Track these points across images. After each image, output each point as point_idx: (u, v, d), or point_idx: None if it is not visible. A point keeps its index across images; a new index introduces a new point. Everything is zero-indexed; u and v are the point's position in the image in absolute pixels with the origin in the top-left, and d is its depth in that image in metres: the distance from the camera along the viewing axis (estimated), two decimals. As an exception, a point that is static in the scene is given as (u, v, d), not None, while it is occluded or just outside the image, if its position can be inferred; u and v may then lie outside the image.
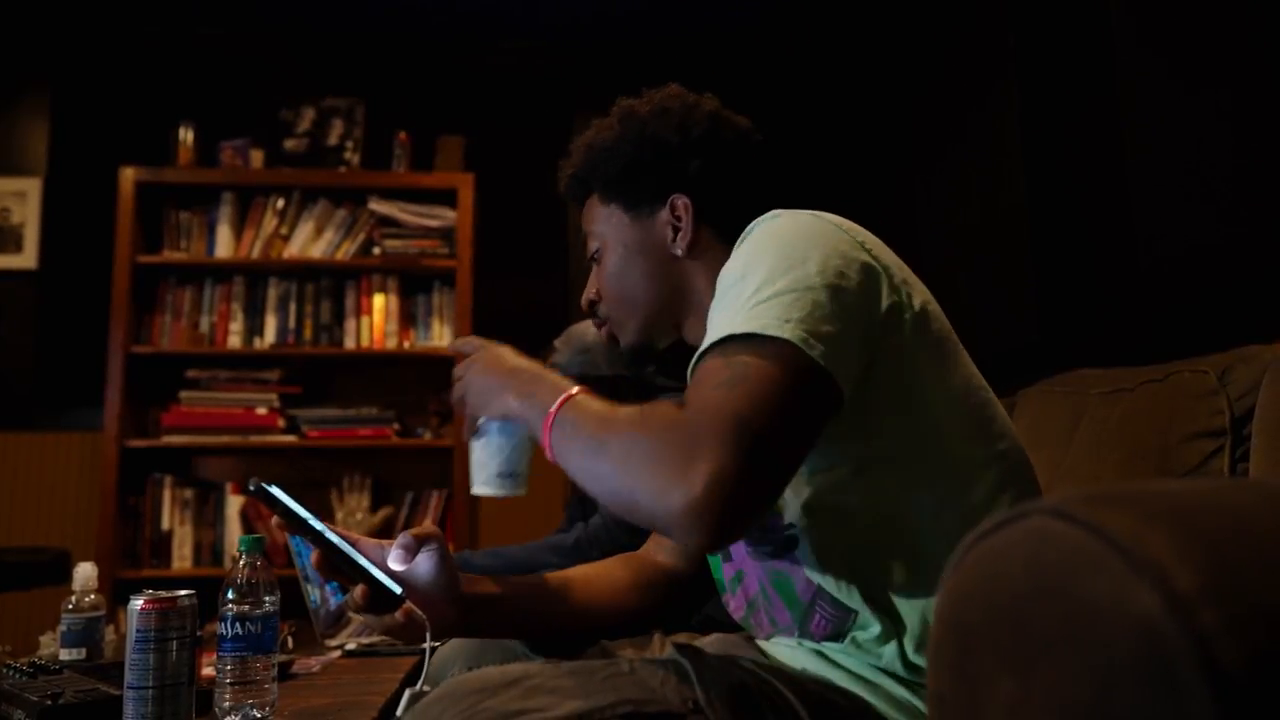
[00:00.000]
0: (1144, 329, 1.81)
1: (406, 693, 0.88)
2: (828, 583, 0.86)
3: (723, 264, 1.03)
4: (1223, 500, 0.41)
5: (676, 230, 1.07)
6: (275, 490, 0.93)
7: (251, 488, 0.91)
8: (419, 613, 0.94)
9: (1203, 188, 1.65)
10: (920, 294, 0.91)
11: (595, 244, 1.12)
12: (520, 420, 0.96)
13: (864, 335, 0.82)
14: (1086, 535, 0.38)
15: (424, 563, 0.98)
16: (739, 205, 1.06)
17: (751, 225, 0.91)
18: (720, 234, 1.07)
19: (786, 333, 0.77)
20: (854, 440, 0.85)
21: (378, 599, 0.94)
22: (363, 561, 0.95)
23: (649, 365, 1.12)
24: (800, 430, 0.78)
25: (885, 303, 0.85)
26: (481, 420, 1.05)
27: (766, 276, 0.81)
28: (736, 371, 0.77)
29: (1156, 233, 1.78)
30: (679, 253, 1.07)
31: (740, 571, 0.98)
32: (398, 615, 0.95)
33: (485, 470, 1.06)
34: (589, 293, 1.15)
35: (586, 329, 2.13)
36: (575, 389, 0.89)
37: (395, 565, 0.97)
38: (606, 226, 1.11)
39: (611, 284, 1.10)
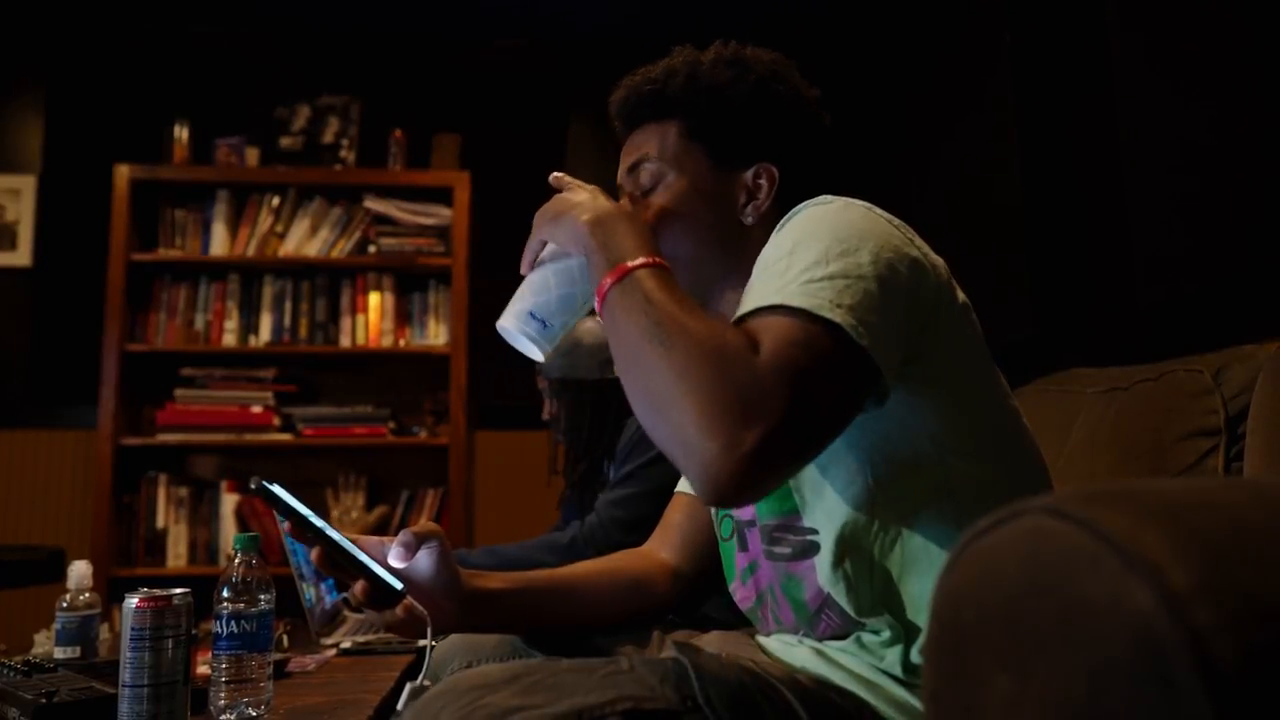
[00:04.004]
0: (1139, 328, 1.81)
1: (407, 687, 0.88)
2: (839, 593, 0.85)
3: None
4: (1218, 499, 0.41)
5: (752, 198, 1.02)
6: (276, 488, 0.93)
7: (253, 486, 0.91)
8: (419, 608, 0.94)
9: (1198, 185, 1.66)
10: (961, 295, 0.90)
11: (655, 174, 1.03)
12: (585, 255, 0.90)
13: (908, 331, 0.81)
14: (1082, 533, 0.38)
15: (424, 559, 0.98)
16: (811, 192, 1.02)
17: (800, 206, 0.89)
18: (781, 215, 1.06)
19: (838, 317, 0.75)
20: (880, 447, 0.84)
21: (378, 595, 0.93)
22: (363, 558, 0.95)
23: None
24: (842, 415, 0.78)
25: (932, 301, 0.84)
26: (545, 253, 0.96)
27: (820, 256, 0.79)
28: (804, 338, 0.75)
29: (1151, 231, 1.78)
30: (748, 221, 1.02)
31: (754, 563, 0.98)
32: (398, 611, 0.95)
33: (518, 303, 0.96)
34: None
35: (575, 329, 2.12)
36: (660, 260, 0.85)
37: (396, 563, 0.97)
38: (679, 163, 1.02)
39: (663, 223, 1.01)
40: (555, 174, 1.00)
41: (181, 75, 3.48)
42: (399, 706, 0.86)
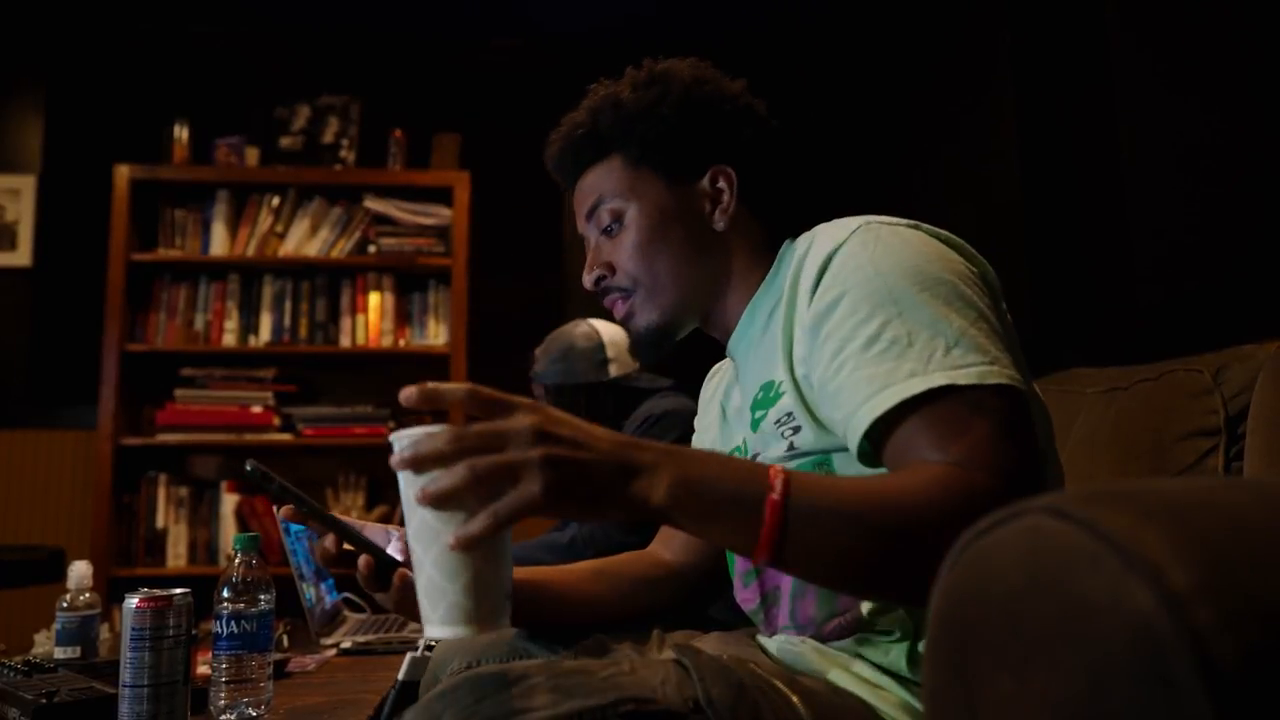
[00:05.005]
0: (1139, 328, 1.81)
1: (407, 656, 0.89)
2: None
3: (760, 247, 1.02)
4: (1218, 499, 0.41)
5: (716, 203, 1.01)
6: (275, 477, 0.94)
7: (248, 468, 0.91)
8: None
9: (1198, 184, 1.66)
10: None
11: (614, 212, 1.01)
12: (682, 522, 0.70)
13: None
14: (1083, 533, 0.38)
15: None
16: (779, 185, 1.02)
17: (842, 238, 0.86)
18: (758, 214, 1.03)
19: (1004, 378, 0.76)
20: None
21: (380, 568, 0.92)
22: (363, 535, 0.95)
23: (663, 353, 1.04)
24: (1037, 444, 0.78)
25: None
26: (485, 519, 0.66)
27: (938, 312, 0.79)
28: (993, 420, 0.73)
29: (1151, 230, 1.78)
30: (719, 227, 1.01)
31: (759, 566, 0.97)
32: (395, 580, 0.93)
33: (493, 594, 0.68)
34: (596, 268, 1.03)
35: (568, 334, 2.12)
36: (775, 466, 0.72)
37: (397, 555, 0.96)
38: (635, 193, 1.01)
39: (640, 254, 0.99)
40: (414, 389, 0.68)
41: (181, 75, 3.47)
42: (400, 675, 0.87)
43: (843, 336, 0.81)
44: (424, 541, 0.67)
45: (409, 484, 0.67)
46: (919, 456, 0.74)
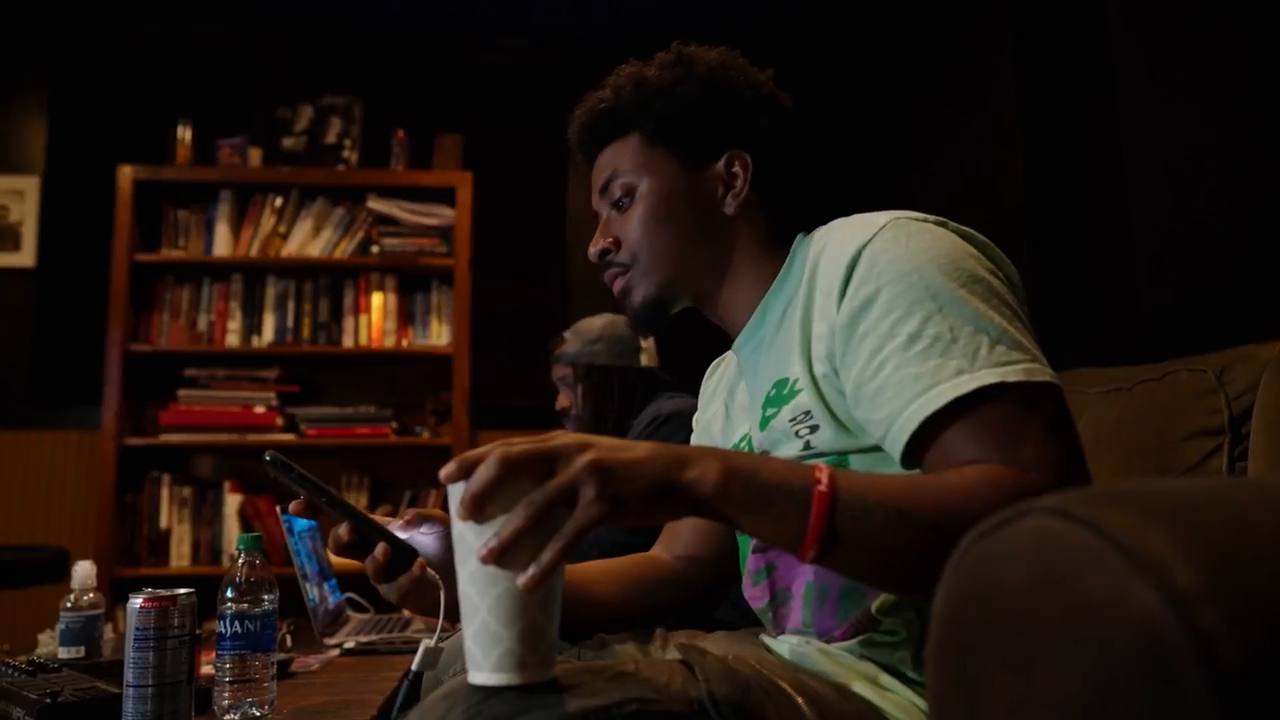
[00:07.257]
0: (1142, 328, 1.81)
1: (422, 645, 0.88)
2: (890, 599, 0.85)
3: (767, 238, 1.02)
4: (1223, 499, 0.41)
5: (729, 188, 1.01)
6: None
7: (268, 458, 0.91)
8: (432, 571, 0.93)
9: (1201, 186, 1.66)
10: None
11: (626, 186, 1.02)
12: (732, 518, 0.70)
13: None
14: (1087, 534, 0.38)
15: (432, 541, 0.97)
16: (793, 176, 1.02)
17: (870, 233, 0.86)
18: (768, 204, 1.03)
19: (1048, 376, 0.76)
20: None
21: (398, 556, 0.92)
22: (380, 524, 0.95)
23: (658, 327, 1.06)
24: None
25: None
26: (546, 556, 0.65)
27: (976, 310, 0.79)
28: (1040, 418, 0.74)
29: (1154, 232, 1.78)
30: (729, 212, 1.01)
31: (772, 564, 0.96)
32: (414, 569, 0.93)
33: (545, 642, 0.68)
34: (602, 240, 1.04)
35: (602, 319, 2.13)
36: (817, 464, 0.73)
37: (400, 535, 0.96)
38: (648, 170, 1.01)
39: (645, 230, 1.00)
40: (451, 464, 0.67)
41: (184, 76, 3.48)
42: (413, 666, 0.87)
43: (882, 334, 0.80)
44: (481, 586, 0.66)
45: (473, 533, 0.67)
46: (968, 456, 0.73)
